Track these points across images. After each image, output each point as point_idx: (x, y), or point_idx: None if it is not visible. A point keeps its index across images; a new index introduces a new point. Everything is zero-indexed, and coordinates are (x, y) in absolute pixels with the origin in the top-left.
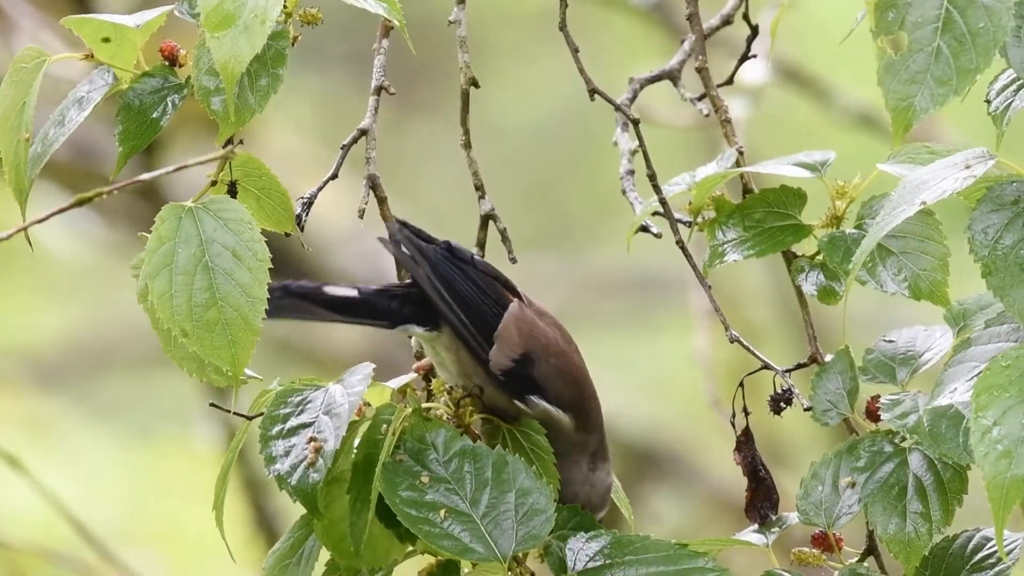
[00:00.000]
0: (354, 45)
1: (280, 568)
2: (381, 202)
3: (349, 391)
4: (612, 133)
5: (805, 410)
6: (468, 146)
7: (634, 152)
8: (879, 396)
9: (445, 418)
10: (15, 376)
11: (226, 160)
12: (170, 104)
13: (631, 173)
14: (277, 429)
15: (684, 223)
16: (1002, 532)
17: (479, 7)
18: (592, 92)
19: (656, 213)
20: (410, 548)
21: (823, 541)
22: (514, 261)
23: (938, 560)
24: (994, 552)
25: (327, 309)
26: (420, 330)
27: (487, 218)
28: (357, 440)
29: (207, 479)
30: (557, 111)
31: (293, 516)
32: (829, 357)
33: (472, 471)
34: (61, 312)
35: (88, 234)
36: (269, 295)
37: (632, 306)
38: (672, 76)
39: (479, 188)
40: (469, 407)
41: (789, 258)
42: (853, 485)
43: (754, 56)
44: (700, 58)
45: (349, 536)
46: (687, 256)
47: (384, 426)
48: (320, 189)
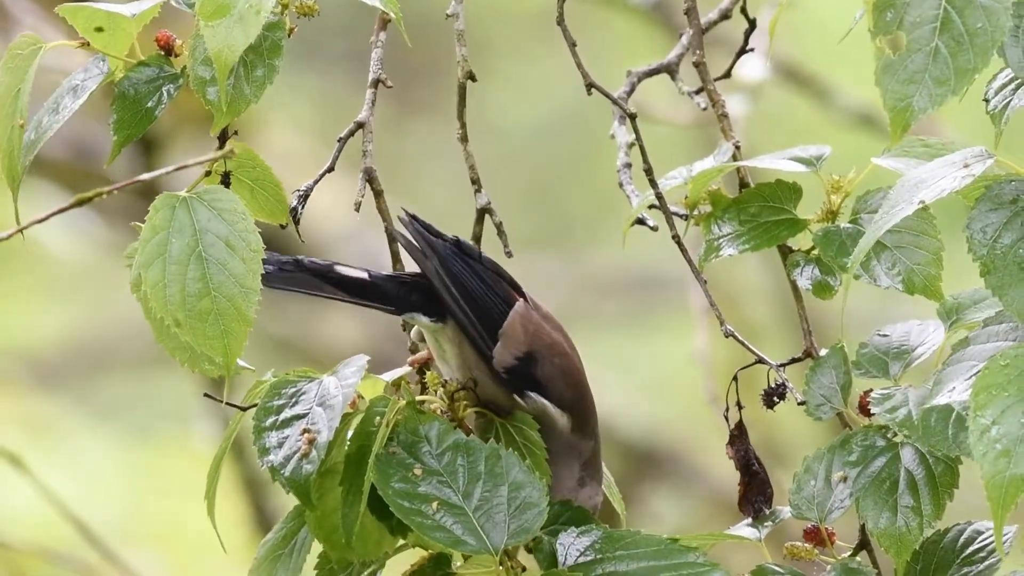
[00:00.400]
0: (354, 44)
1: (272, 559)
2: (378, 195)
3: (343, 383)
4: (613, 139)
5: (799, 404)
6: (465, 140)
7: (631, 146)
8: (871, 391)
9: (439, 411)
10: (15, 376)
11: (225, 153)
12: (165, 94)
13: (628, 166)
14: (271, 420)
15: (680, 217)
16: (1001, 531)
17: (479, 7)
18: (589, 86)
19: (652, 207)
20: (401, 541)
21: (815, 535)
22: (510, 255)
23: (929, 554)
24: (985, 546)
25: (336, 287)
26: (426, 320)
27: (483, 212)
28: (350, 432)
29: (206, 478)
30: (557, 111)
31: None
32: (824, 352)
33: (465, 464)
34: (61, 312)
35: (88, 234)
36: (281, 265)
37: (632, 306)
38: (670, 70)
39: (475, 182)
40: (463, 400)
41: (784, 253)
42: (845, 479)
43: (751, 50)
44: (698, 52)
45: (341, 528)
46: (683, 250)
47: (377, 418)
48: (316, 182)
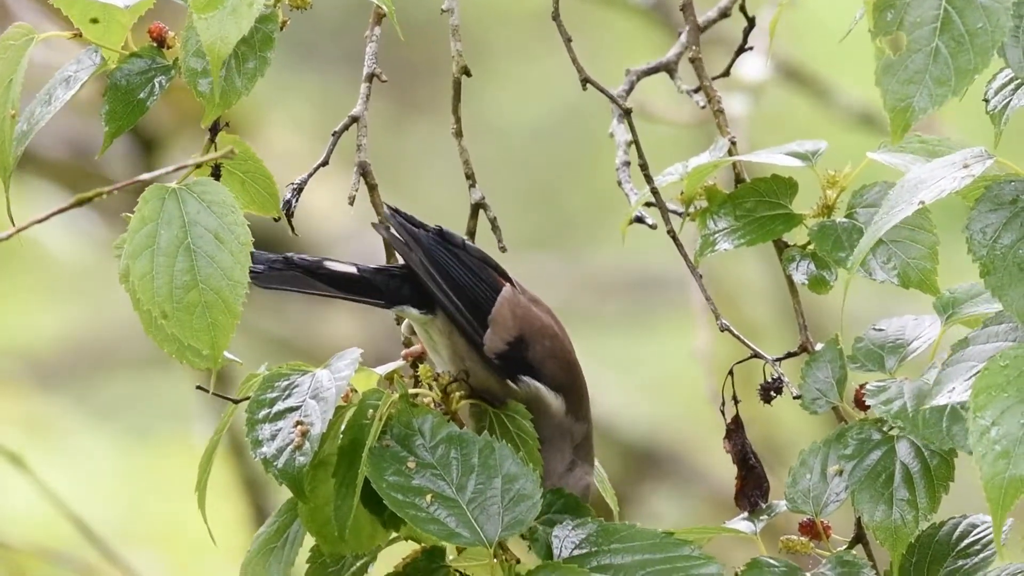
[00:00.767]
0: (353, 44)
1: (264, 552)
2: (372, 189)
3: (336, 376)
4: (612, 139)
5: (794, 398)
6: (459, 135)
7: (630, 144)
8: (867, 384)
9: (432, 404)
10: (15, 376)
11: (224, 153)
12: (157, 85)
13: (627, 165)
14: (264, 413)
15: (677, 213)
16: (1000, 532)
17: (478, 7)
18: (584, 81)
19: (650, 204)
20: (394, 534)
21: (811, 529)
22: (504, 250)
23: (924, 547)
24: (980, 539)
25: (326, 283)
26: (415, 312)
27: (477, 207)
28: (344, 426)
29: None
30: (557, 111)
31: None
32: (819, 346)
33: (459, 457)
34: (61, 312)
35: (88, 234)
36: (271, 264)
37: (632, 306)
38: (669, 68)
39: (470, 177)
40: (457, 392)
41: (780, 248)
42: (841, 473)
43: (750, 48)
44: (694, 48)
45: (334, 521)
46: (678, 245)
47: (370, 411)
48: (310, 175)
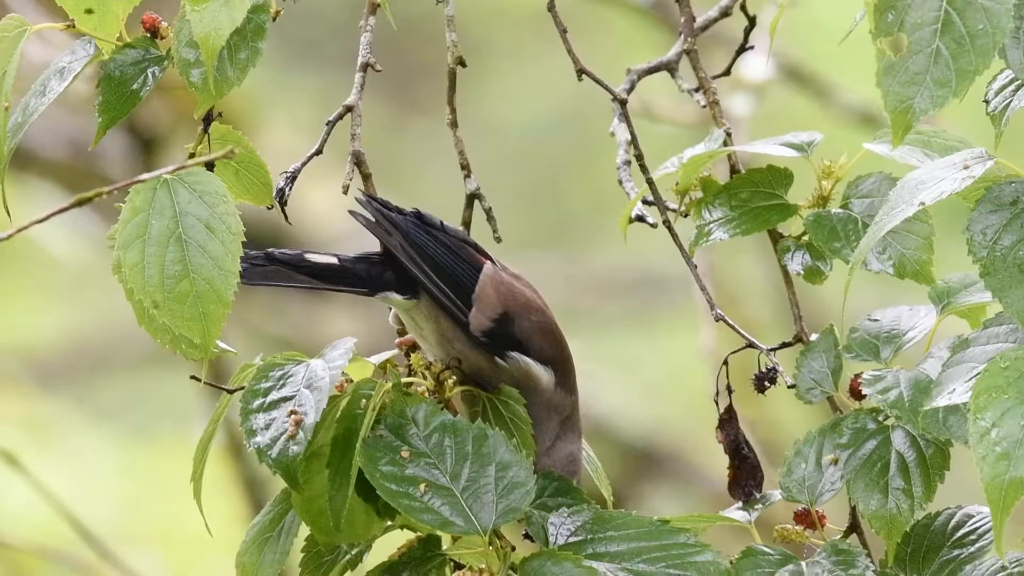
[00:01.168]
0: (353, 44)
1: (259, 542)
2: (366, 178)
3: (330, 365)
4: (613, 138)
5: (789, 387)
6: (454, 125)
7: (631, 143)
8: (862, 373)
9: (426, 393)
10: (15, 376)
11: (225, 153)
12: (150, 76)
13: (627, 164)
14: (258, 403)
15: (673, 210)
16: (1001, 533)
17: (479, 7)
18: (580, 72)
19: (648, 202)
20: (388, 524)
21: (806, 518)
22: (499, 240)
23: (919, 537)
24: (975, 529)
25: (308, 276)
26: (399, 298)
27: (472, 197)
28: (338, 415)
29: (207, 477)
30: (556, 110)
31: None
32: (814, 337)
33: (452, 445)
34: (61, 312)
35: (88, 234)
36: (252, 261)
37: (632, 305)
38: (669, 67)
39: (465, 168)
40: (449, 380)
41: (775, 238)
42: (836, 462)
43: (751, 47)
44: (689, 40)
45: (328, 511)
46: (673, 236)
47: (364, 401)
48: (304, 164)
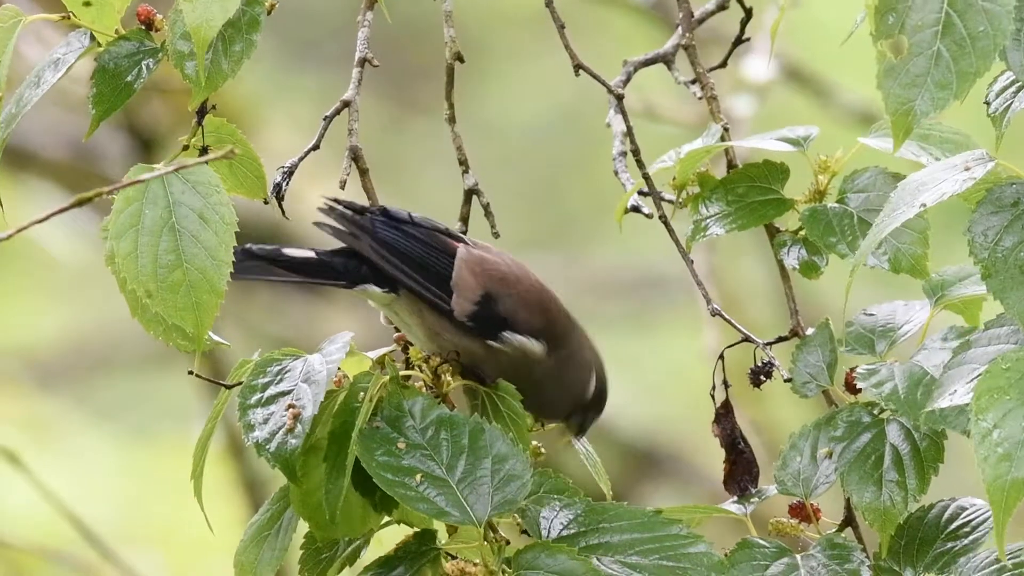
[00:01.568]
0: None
1: (258, 540)
2: (363, 173)
3: (328, 359)
4: (611, 133)
5: (785, 381)
6: (452, 120)
7: (626, 135)
8: (858, 367)
9: (424, 387)
10: (15, 376)
11: (225, 153)
12: (144, 68)
13: (623, 155)
14: (256, 398)
15: (669, 202)
16: (1003, 534)
17: (479, 8)
18: (577, 68)
19: (645, 194)
20: (386, 518)
21: (801, 511)
22: (497, 236)
23: (914, 529)
24: (969, 521)
25: (287, 270)
26: (378, 291)
27: (471, 193)
28: (335, 409)
29: (207, 478)
30: (556, 110)
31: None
32: (810, 331)
33: (448, 438)
34: (61, 312)
35: (88, 234)
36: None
37: (632, 306)
38: (666, 60)
39: (463, 163)
40: (446, 374)
41: (772, 233)
42: (830, 455)
43: (747, 39)
44: (687, 36)
45: (324, 504)
46: (670, 230)
47: (361, 394)
48: (301, 159)
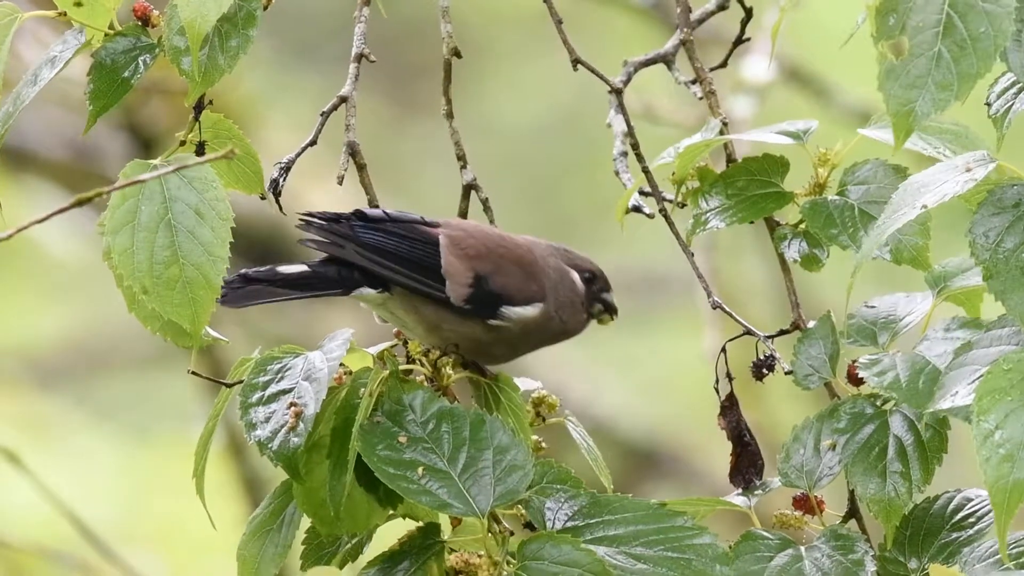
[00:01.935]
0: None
1: (260, 534)
2: (361, 169)
3: (328, 356)
4: (611, 133)
5: (786, 373)
6: (450, 116)
7: (627, 134)
8: (860, 358)
9: (424, 380)
10: (15, 376)
11: (225, 153)
12: (141, 64)
13: (624, 155)
14: (257, 396)
15: (670, 201)
16: (1005, 535)
17: (479, 8)
18: (575, 62)
19: (646, 194)
20: (390, 512)
21: (804, 503)
22: None
23: (918, 520)
24: (974, 512)
25: (284, 288)
26: (373, 292)
27: (469, 188)
28: (337, 406)
29: (207, 478)
30: (556, 111)
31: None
32: (812, 324)
33: (450, 431)
34: (61, 312)
35: (88, 234)
36: (230, 285)
37: (633, 306)
38: (666, 59)
39: (461, 159)
40: (447, 366)
41: (772, 227)
42: (834, 447)
43: (747, 39)
44: (684, 31)
45: (328, 501)
46: (670, 224)
47: (361, 390)
48: (299, 154)
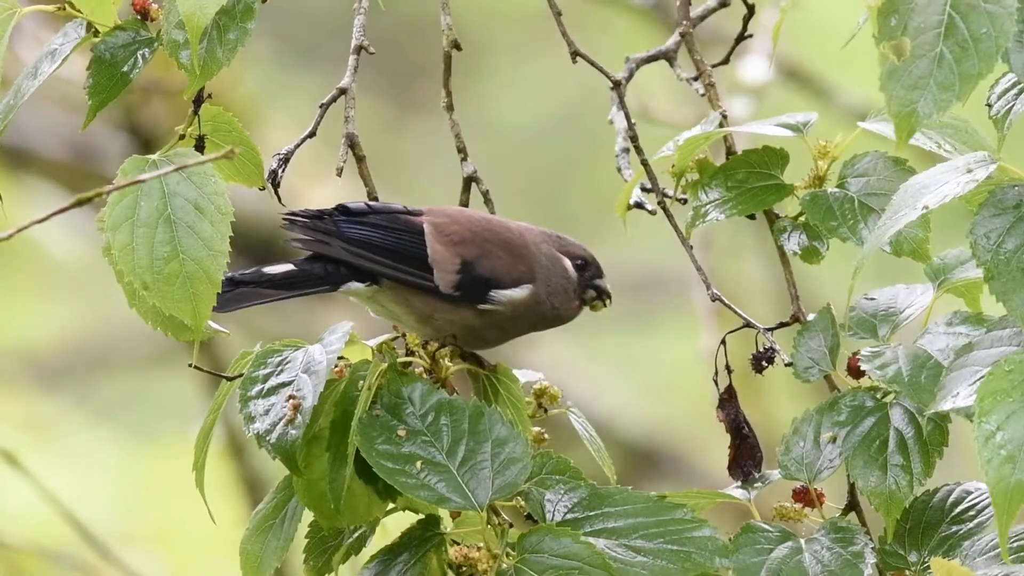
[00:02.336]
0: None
1: (263, 529)
2: (360, 160)
3: (328, 349)
4: (612, 134)
5: (786, 365)
6: (450, 108)
7: (628, 130)
8: (862, 350)
9: (423, 373)
10: (15, 376)
11: (226, 153)
12: (140, 58)
13: (626, 151)
14: (257, 389)
15: (669, 197)
16: (1006, 536)
17: (479, 8)
18: (575, 55)
19: (646, 189)
20: (391, 505)
21: (804, 496)
22: None
23: (918, 513)
24: (974, 505)
25: (272, 288)
26: (361, 286)
27: (469, 180)
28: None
29: (207, 477)
30: (556, 111)
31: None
32: (812, 316)
33: (448, 423)
34: (61, 312)
35: (88, 234)
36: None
37: (632, 306)
38: (668, 56)
39: (461, 151)
40: (445, 358)
41: (772, 219)
42: (834, 440)
43: (750, 36)
44: (684, 23)
45: (328, 493)
46: (669, 216)
47: (360, 382)
48: (297, 146)
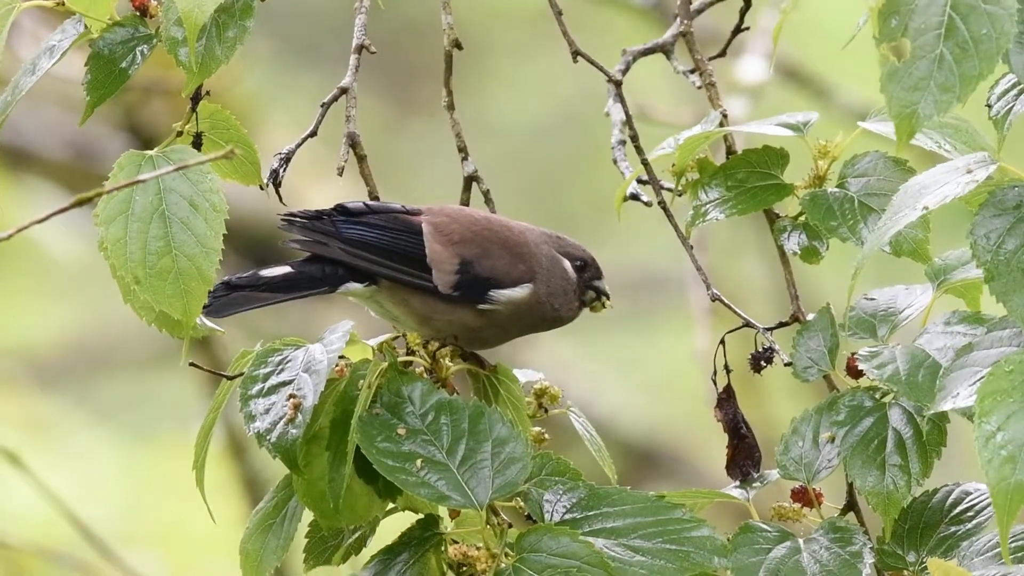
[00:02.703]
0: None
1: (263, 528)
2: (361, 160)
3: (328, 348)
4: (610, 125)
5: (785, 365)
6: (451, 107)
7: (625, 123)
8: (860, 350)
9: (423, 372)
10: (15, 376)
11: (225, 153)
12: (139, 54)
13: (623, 143)
14: (257, 388)
15: (668, 190)
16: (1007, 536)
17: (479, 8)
18: (575, 54)
19: (643, 181)
20: (391, 505)
21: (803, 496)
22: None
23: (917, 513)
24: (973, 506)
25: (269, 291)
26: (359, 287)
27: (470, 180)
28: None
29: (207, 478)
30: (556, 111)
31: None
32: (811, 316)
33: (448, 423)
34: (61, 312)
35: (88, 234)
36: (213, 294)
37: (632, 306)
38: (665, 49)
39: (462, 150)
40: (446, 357)
41: (772, 219)
42: (833, 440)
43: (747, 28)
44: (685, 22)
45: (328, 492)
46: (669, 216)
47: (361, 381)
48: (298, 145)
